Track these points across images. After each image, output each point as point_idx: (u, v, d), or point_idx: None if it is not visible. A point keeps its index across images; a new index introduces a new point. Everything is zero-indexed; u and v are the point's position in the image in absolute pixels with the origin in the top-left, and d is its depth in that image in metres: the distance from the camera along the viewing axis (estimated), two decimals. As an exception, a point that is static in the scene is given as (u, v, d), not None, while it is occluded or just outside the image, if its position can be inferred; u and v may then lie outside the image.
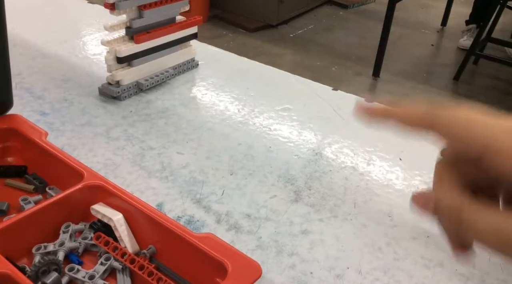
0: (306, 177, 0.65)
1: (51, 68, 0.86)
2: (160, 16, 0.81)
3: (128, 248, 0.49)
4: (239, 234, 0.55)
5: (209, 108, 0.79)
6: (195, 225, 0.56)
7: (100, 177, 0.53)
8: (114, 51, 0.76)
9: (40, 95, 0.78)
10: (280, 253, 0.53)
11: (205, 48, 0.97)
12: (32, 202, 0.54)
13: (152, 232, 0.49)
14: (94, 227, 0.51)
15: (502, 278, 0.52)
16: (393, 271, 0.52)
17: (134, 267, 0.47)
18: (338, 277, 0.51)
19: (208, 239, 0.46)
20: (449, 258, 0.54)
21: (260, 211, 0.59)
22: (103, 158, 0.65)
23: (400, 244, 0.56)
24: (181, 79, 0.87)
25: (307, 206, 0.60)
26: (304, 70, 2.70)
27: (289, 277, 0.50)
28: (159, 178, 0.63)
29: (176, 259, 0.48)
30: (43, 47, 0.94)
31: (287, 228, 0.57)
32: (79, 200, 0.52)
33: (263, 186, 0.63)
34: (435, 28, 3.47)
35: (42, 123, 0.71)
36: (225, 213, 0.58)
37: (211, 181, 0.63)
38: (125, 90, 0.79)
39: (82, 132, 0.70)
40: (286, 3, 3.13)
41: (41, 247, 0.49)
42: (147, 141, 0.69)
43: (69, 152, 0.61)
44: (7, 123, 0.60)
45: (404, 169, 0.68)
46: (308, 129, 0.74)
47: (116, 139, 0.69)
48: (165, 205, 0.58)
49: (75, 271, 0.47)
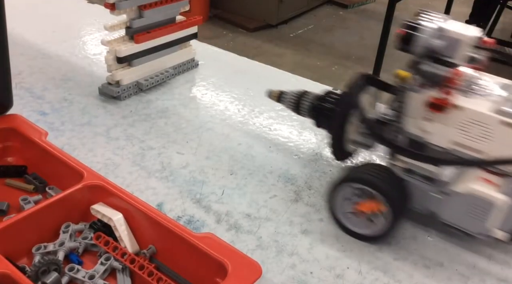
0: (306, 177, 0.65)
1: (51, 68, 0.86)
2: (160, 16, 0.81)
3: (128, 248, 0.49)
4: (239, 234, 0.55)
5: (209, 108, 0.79)
6: (195, 225, 0.56)
7: (100, 177, 0.53)
8: (114, 51, 0.76)
9: (40, 95, 0.78)
10: (280, 252, 0.53)
11: (205, 48, 0.97)
12: (32, 202, 0.54)
13: (152, 232, 0.49)
14: (94, 227, 0.51)
15: (502, 278, 0.52)
16: (393, 271, 0.52)
17: (134, 267, 0.47)
18: (338, 276, 0.51)
19: (208, 239, 0.46)
20: (449, 258, 0.54)
21: (260, 211, 0.59)
22: (103, 158, 0.65)
23: (400, 244, 0.56)
24: (181, 79, 0.87)
25: (307, 206, 0.60)
26: (304, 70, 2.69)
27: (289, 277, 0.50)
28: (159, 178, 0.62)
29: (176, 259, 0.48)
30: (43, 47, 0.94)
31: (287, 228, 0.57)
32: (79, 200, 0.52)
33: (263, 186, 0.63)
34: (435, 28, 3.46)
35: (42, 123, 0.71)
36: (225, 213, 0.58)
37: (211, 181, 0.63)
38: (125, 90, 0.79)
39: (82, 132, 0.70)
40: (286, 3, 3.13)
41: (41, 247, 0.49)
42: (147, 141, 0.69)
43: (69, 152, 0.61)
44: (7, 123, 0.60)
45: (404, 169, 0.68)
46: (308, 129, 0.74)
47: (116, 139, 0.69)
48: (165, 205, 0.58)
49: (75, 271, 0.47)
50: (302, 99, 0.63)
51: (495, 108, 0.47)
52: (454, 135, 0.49)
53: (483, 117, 0.47)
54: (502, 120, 0.46)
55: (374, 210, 0.53)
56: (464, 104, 0.48)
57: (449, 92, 0.48)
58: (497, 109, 0.47)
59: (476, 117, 0.47)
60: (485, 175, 0.49)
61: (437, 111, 0.49)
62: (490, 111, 0.47)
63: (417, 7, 2.09)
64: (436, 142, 0.51)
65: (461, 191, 0.50)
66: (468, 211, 0.50)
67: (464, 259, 0.54)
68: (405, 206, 0.54)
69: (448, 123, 0.49)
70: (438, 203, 0.52)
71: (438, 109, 0.48)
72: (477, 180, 0.49)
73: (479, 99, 0.49)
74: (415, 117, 0.51)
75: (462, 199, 0.50)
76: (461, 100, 0.48)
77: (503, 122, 0.46)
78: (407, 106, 0.51)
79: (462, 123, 0.48)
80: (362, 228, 0.55)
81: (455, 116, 0.49)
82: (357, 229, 0.55)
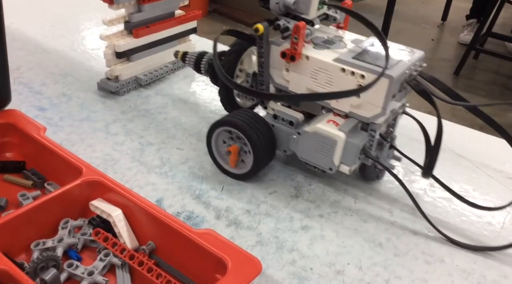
0: (306, 172, 0.65)
1: (49, 63, 0.86)
2: (159, 10, 0.80)
3: (127, 244, 0.48)
4: (239, 230, 0.55)
5: (208, 103, 0.79)
6: (194, 221, 0.56)
7: (99, 173, 0.52)
8: (113, 46, 0.76)
9: (39, 90, 0.77)
10: (280, 249, 0.53)
11: (204, 43, 0.96)
12: (30, 197, 0.54)
13: (151, 228, 0.49)
14: (93, 223, 0.51)
15: (503, 273, 0.52)
16: (393, 267, 0.52)
17: (134, 263, 0.46)
18: (338, 272, 0.51)
19: (207, 235, 0.46)
20: (450, 253, 0.54)
21: (260, 207, 0.58)
22: (102, 154, 0.65)
23: (400, 239, 0.55)
24: (180, 74, 0.87)
25: (307, 202, 0.60)
26: (304, 65, 2.68)
27: (289, 273, 0.50)
28: (158, 174, 0.62)
29: (176, 255, 0.48)
30: (41, 41, 0.93)
31: (287, 223, 0.56)
32: (78, 196, 0.51)
33: (263, 182, 0.62)
34: (435, 22, 3.46)
35: (40, 118, 0.70)
36: (224, 209, 0.58)
37: (210, 176, 0.63)
38: (124, 85, 0.79)
39: (81, 128, 0.70)
40: (286, -3, 3.12)
41: (39, 243, 0.49)
42: (146, 137, 0.69)
43: (68, 147, 0.61)
44: (5, 118, 0.60)
45: (404, 165, 0.68)
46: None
47: (115, 135, 0.69)
48: (165, 201, 0.58)
49: (74, 267, 0.47)
50: (201, 58, 0.72)
51: (336, 57, 0.55)
52: (307, 82, 0.57)
53: (326, 65, 0.55)
54: (339, 67, 0.54)
55: (241, 151, 0.61)
56: (312, 54, 0.56)
57: (297, 43, 0.55)
58: (337, 58, 0.54)
59: (321, 65, 0.55)
60: (333, 117, 0.57)
61: (291, 61, 0.56)
62: (331, 60, 0.54)
63: (417, 1, 2.08)
64: (294, 90, 0.59)
65: (309, 130, 0.57)
66: (316, 148, 0.57)
67: (465, 254, 0.54)
68: (269, 147, 0.61)
69: (301, 72, 0.57)
70: (295, 143, 0.59)
71: (290, 59, 0.56)
72: (325, 122, 0.57)
73: (326, 50, 0.56)
74: (278, 68, 0.59)
75: (310, 137, 0.57)
76: (311, 51, 0.56)
77: (340, 69, 0.54)
78: (271, 58, 0.59)
79: (312, 71, 0.56)
80: (236, 168, 0.62)
81: (306, 65, 0.56)
82: (232, 169, 0.63)
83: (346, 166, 0.57)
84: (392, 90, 0.52)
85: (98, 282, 0.46)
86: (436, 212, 0.60)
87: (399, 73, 0.52)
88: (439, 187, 0.64)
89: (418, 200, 0.59)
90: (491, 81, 2.79)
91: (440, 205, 0.61)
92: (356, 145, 0.55)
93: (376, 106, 0.53)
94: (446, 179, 0.66)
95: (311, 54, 0.56)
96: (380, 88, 0.52)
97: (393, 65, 0.53)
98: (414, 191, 0.62)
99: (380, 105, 0.53)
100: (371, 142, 0.57)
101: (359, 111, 0.55)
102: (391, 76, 0.51)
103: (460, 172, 0.67)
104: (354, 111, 0.55)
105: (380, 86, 0.51)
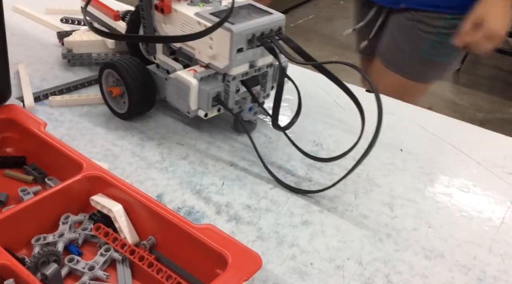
0: (307, 168, 0.65)
1: (49, 58, 0.85)
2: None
3: (127, 239, 0.49)
4: (239, 225, 0.55)
5: (209, 98, 0.79)
6: (195, 216, 0.56)
7: (99, 168, 0.52)
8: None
9: (39, 85, 0.77)
10: (280, 244, 0.53)
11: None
12: (31, 193, 0.54)
13: (152, 223, 0.49)
14: (93, 218, 0.51)
15: (503, 269, 0.52)
16: (393, 262, 0.52)
17: (134, 258, 0.46)
18: (338, 268, 0.51)
19: (208, 230, 0.46)
20: (450, 249, 0.54)
21: (261, 202, 0.58)
22: (102, 149, 0.65)
23: (400, 235, 0.55)
24: (180, 69, 0.87)
25: (308, 197, 0.60)
26: (304, 60, 2.68)
27: (289, 268, 0.50)
28: (158, 169, 0.62)
29: (176, 250, 0.48)
30: (42, 37, 0.93)
31: (287, 219, 0.56)
32: (78, 191, 0.51)
33: (263, 177, 0.62)
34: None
35: (40, 113, 0.70)
36: (225, 204, 0.58)
37: (211, 172, 0.63)
38: (124, 80, 0.79)
39: (81, 123, 0.70)
40: (286, -8, 3.11)
41: (40, 238, 0.49)
42: (147, 132, 0.69)
43: (68, 142, 0.61)
44: (5, 114, 0.60)
45: (404, 160, 0.68)
46: (309, 120, 0.74)
47: (115, 130, 0.69)
48: (165, 196, 0.58)
49: (74, 262, 0.47)
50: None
51: (196, 12, 0.61)
52: (178, 33, 0.64)
53: (188, 18, 0.62)
54: (196, 20, 0.61)
55: (119, 92, 0.67)
56: (179, 8, 0.62)
57: None
58: (197, 13, 0.61)
59: (184, 18, 0.62)
60: (197, 68, 0.64)
61: (161, 13, 0.63)
62: (193, 14, 0.61)
63: None
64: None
65: (172, 76, 0.64)
66: (177, 92, 0.64)
67: (465, 250, 0.54)
68: (145, 91, 0.67)
69: (173, 24, 0.64)
70: (165, 88, 0.67)
71: (162, 11, 0.63)
72: (186, 70, 0.64)
73: (197, 7, 0.63)
74: (158, 21, 0.66)
75: (173, 82, 0.65)
76: (180, 5, 0.63)
77: (197, 22, 0.61)
78: (152, 11, 0.65)
79: (180, 23, 0.63)
80: (119, 108, 0.70)
81: (176, 18, 0.63)
82: (117, 109, 0.70)
83: (202, 111, 0.64)
84: (236, 44, 0.58)
85: (98, 277, 0.46)
86: (436, 207, 0.60)
87: (242, 29, 0.58)
88: (440, 183, 0.64)
89: (416, 197, 0.59)
90: (492, 76, 2.79)
91: (440, 200, 0.61)
92: (207, 92, 0.61)
93: (225, 58, 0.60)
94: (447, 174, 0.66)
95: (179, 8, 0.62)
96: (224, 41, 0.59)
97: (241, 22, 0.59)
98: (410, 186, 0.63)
99: (227, 57, 0.59)
100: (228, 92, 0.63)
101: (215, 62, 0.62)
102: (231, 30, 0.57)
103: (461, 168, 0.67)
104: (211, 62, 0.62)
105: (224, 39, 0.59)
